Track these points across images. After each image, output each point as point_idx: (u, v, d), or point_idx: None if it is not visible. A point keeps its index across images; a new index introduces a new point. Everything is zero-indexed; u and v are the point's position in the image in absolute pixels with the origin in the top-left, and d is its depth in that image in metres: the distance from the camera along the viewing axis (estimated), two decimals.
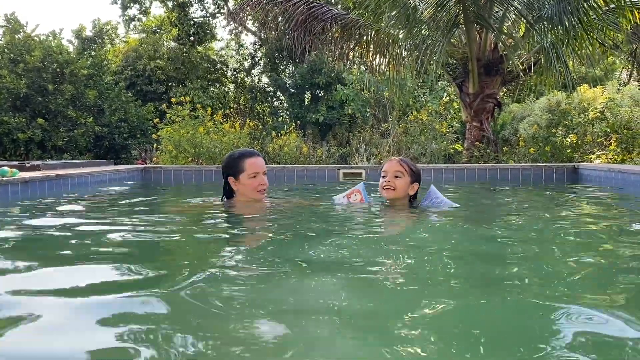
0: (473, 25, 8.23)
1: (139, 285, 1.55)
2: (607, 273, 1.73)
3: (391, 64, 9.18)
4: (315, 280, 1.61)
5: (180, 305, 1.33)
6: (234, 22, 18.06)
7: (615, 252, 2.11)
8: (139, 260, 1.90)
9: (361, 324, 1.21)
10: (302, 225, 2.89)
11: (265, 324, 1.22)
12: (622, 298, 1.43)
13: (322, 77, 13.86)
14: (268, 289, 1.51)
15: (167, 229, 2.80)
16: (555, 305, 1.32)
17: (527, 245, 2.26)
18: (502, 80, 8.94)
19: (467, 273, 1.74)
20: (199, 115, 8.98)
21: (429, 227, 2.79)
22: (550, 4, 7.26)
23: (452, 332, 1.17)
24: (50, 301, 1.39)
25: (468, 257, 2.02)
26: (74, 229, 2.63)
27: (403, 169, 3.01)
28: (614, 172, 5.49)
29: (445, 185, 6.07)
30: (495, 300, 1.41)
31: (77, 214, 3.37)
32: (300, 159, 9.18)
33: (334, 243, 2.22)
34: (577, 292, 1.49)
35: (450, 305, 1.34)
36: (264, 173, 3.19)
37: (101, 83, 12.24)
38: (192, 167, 6.98)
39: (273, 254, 2.06)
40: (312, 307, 1.34)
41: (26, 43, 11.36)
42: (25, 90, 10.73)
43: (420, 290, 1.51)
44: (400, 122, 11.25)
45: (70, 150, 11.20)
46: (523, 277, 1.66)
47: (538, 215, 3.33)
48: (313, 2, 8.81)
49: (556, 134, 8.40)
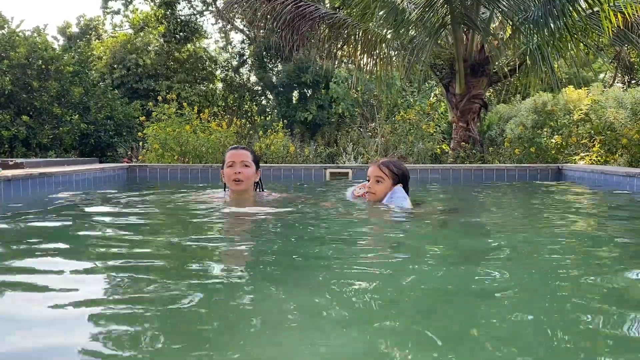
0: (460, 26, 8.29)
1: (129, 292, 1.55)
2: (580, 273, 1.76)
3: (379, 64, 9.21)
4: (299, 282, 1.61)
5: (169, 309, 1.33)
6: (222, 20, 18.00)
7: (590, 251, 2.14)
8: (125, 266, 1.90)
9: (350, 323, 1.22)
10: (277, 221, 2.89)
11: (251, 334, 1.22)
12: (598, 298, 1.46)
13: (309, 76, 13.85)
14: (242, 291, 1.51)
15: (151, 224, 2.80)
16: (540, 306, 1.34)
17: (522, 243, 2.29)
18: (488, 81, 9.02)
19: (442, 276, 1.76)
20: (185, 113, 8.94)
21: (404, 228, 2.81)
22: (537, 7, 7.34)
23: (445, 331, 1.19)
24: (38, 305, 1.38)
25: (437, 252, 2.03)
26: (59, 229, 2.61)
27: (383, 173, 3.04)
28: (597, 173, 5.56)
29: (430, 185, 6.11)
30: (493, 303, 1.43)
31: (60, 213, 3.34)
32: (287, 158, 9.17)
33: (308, 241, 2.23)
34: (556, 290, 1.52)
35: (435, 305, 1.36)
36: (243, 165, 3.25)
37: (87, 80, 12.12)
38: (177, 166, 6.95)
39: (230, 253, 2.06)
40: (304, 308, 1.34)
41: (10, 39, 11.22)
42: (10, 87, 10.60)
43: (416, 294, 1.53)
44: (388, 122, 11.29)
45: (56, 147, 11.09)
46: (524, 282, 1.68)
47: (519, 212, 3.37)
48: (301, 1, 8.81)
49: (541, 135, 8.49)
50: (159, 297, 1.42)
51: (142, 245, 2.28)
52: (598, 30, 7.71)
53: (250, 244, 2.33)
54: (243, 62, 18.76)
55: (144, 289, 1.50)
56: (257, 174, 3.39)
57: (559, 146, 8.38)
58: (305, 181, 6.57)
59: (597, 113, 8.59)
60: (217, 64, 18.83)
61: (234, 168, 3.25)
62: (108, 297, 1.44)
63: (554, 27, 7.11)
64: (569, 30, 7.08)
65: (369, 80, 10.43)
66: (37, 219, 2.99)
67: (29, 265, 1.84)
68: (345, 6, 10.98)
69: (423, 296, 1.49)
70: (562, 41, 7.47)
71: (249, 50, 18.30)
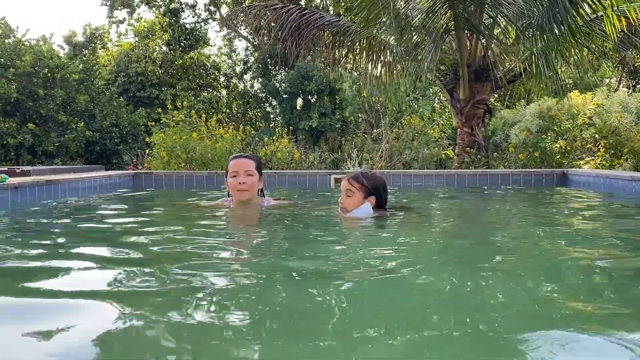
0: (464, 32, 8.31)
1: (130, 300, 1.56)
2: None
3: (383, 70, 9.23)
4: (295, 286, 1.62)
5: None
6: (227, 28, 18.08)
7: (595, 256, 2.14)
8: (129, 272, 1.91)
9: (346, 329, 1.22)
10: (277, 230, 2.91)
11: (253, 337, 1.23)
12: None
13: (313, 84, 13.89)
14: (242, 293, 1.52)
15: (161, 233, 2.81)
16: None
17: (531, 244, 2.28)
18: (492, 86, 9.02)
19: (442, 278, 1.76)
20: (193, 121, 8.99)
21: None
22: (540, 12, 7.35)
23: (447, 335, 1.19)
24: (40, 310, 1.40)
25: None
26: (64, 234, 2.62)
27: (353, 187, 2.98)
28: (602, 178, 5.55)
29: (436, 190, 6.11)
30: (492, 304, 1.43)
31: (68, 218, 3.36)
32: (292, 165, 9.20)
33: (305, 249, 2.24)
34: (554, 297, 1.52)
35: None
36: (247, 174, 3.27)
37: (92, 88, 12.21)
38: (183, 173, 6.97)
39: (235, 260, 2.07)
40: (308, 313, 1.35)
41: (16, 48, 11.32)
42: (16, 95, 10.68)
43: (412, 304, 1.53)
44: (393, 128, 11.30)
45: (61, 155, 11.16)
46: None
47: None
48: (306, 9, 8.86)
49: (546, 140, 8.48)
50: (161, 299, 1.43)
51: (141, 248, 2.29)
52: (602, 35, 7.71)
53: (251, 249, 2.34)
54: (247, 69, 18.82)
55: (143, 290, 1.51)
56: (260, 181, 3.41)
57: (563, 151, 8.36)
58: (310, 187, 6.58)
59: (601, 117, 8.57)
60: (221, 72, 18.91)
61: (238, 178, 3.26)
62: (110, 299, 1.45)
63: (558, 32, 7.12)
64: (573, 35, 7.09)
65: (373, 86, 10.45)
66: (44, 225, 3.01)
67: (34, 266, 1.85)
68: (349, 13, 11.03)
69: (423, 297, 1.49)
70: (566, 46, 7.47)
71: (252, 58, 18.37)
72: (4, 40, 11.55)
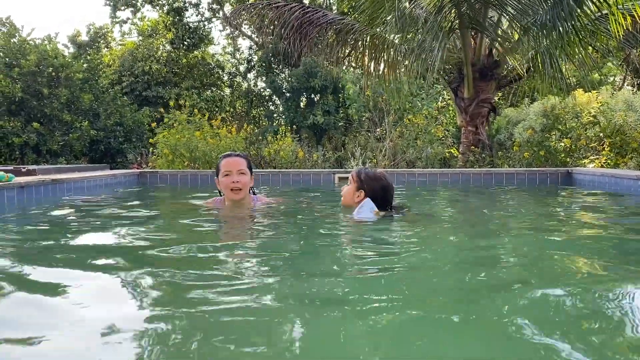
0: (468, 30, 8.28)
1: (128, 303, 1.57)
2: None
3: (387, 68, 9.21)
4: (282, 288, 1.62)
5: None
6: (230, 27, 18.08)
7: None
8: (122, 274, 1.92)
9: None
10: (266, 229, 2.91)
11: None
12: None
13: (317, 81, 13.88)
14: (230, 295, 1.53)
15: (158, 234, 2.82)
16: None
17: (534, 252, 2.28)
18: (497, 84, 9.00)
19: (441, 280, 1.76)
20: (196, 120, 9.00)
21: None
22: (545, 10, 7.32)
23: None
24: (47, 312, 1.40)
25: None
26: (64, 232, 2.64)
27: (351, 176, 3.15)
28: (607, 177, 5.53)
29: (441, 189, 6.10)
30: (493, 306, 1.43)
31: (69, 217, 3.38)
32: (295, 163, 9.20)
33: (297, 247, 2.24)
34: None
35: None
36: (240, 172, 3.26)
37: (96, 87, 12.23)
38: (187, 172, 6.99)
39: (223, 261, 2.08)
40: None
41: (21, 47, 11.34)
42: (21, 94, 10.71)
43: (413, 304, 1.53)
44: (396, 126, 11.29)
45: (66, 154, 11.18)
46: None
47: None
48: (308, 7, 8.85)
49: (550, 138, 8.45)
50: (163, 299, 1.43)
51: (143, 249, 2.30)
52: (607, 33, 7.68)
53: (247, 247, 2.35)
54: (251, 68, 18.81)
55: (144, 290, 1.52)
56: (252, 180, 3.41)
57: (568, 149, 8.34)
58: (314, 186, 6.58)
59: (606, 116, 8.54)
60: (225, 70, 18.91)
61: (232, 177, 3.25)
62: (111, 300, 1.45)
63: (563, 30, 7.09)
64: (577, 33, 7.06)
65: (377, 85, 10.43)
66: (50, 224, 3.03)
67: (39, 267, 1.86)
68: (353, 11, 11.01)
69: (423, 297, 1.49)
70: (570, 44, 7.44)
71: (256, 56, 18.36)
72: (9, 39, 11.57)
